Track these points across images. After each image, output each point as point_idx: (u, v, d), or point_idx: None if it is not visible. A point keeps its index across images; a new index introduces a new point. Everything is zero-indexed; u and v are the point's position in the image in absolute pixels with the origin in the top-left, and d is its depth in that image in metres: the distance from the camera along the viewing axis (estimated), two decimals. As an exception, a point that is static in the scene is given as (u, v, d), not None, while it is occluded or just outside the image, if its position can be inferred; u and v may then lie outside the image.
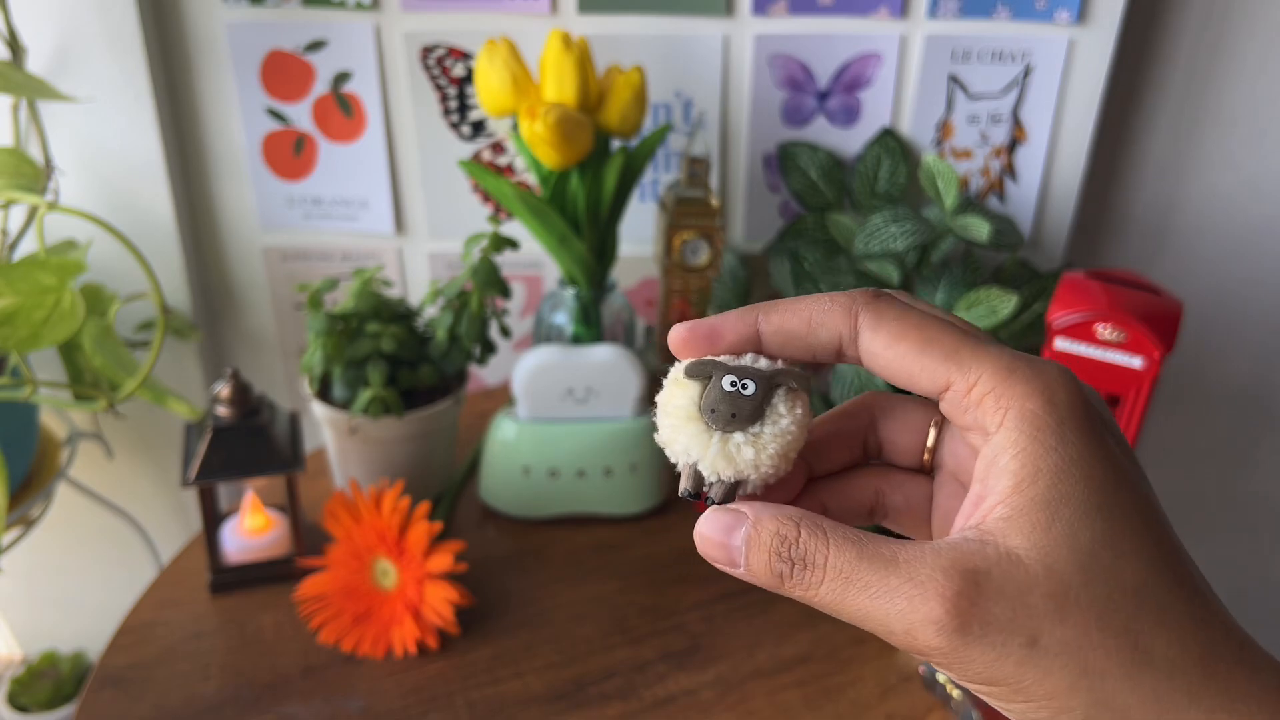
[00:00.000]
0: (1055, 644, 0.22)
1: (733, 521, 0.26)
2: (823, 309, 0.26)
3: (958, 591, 0.22)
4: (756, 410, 0.26)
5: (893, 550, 0.24)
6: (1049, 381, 0.24)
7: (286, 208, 0.90)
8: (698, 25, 0.84)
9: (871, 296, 0.26)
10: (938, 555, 0.23)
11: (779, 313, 0.27)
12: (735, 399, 0.26)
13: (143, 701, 0.59)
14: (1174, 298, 0.64)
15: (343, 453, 0.73)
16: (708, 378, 0.27)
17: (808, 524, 0.25)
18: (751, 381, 0.27)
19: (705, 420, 0.27)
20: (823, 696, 0.61)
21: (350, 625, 0.63)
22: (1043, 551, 0.22)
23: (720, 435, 0.27)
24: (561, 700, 0.60)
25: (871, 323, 0.26)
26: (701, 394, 0.27)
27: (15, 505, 0.82)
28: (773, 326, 0.27)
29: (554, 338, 0.81)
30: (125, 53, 0.80)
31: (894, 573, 0.23)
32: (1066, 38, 0.85)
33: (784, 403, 0.27)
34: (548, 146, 0.69)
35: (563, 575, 0.70)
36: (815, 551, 0.24)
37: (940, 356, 0.25)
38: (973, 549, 0.23)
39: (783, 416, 0.27)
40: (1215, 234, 1.00)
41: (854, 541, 0.24)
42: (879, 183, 0.88)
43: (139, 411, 0.95)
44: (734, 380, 0.27)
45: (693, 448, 0.27)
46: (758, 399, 0.26)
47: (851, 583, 0.24)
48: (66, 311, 0.65)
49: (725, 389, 0.26)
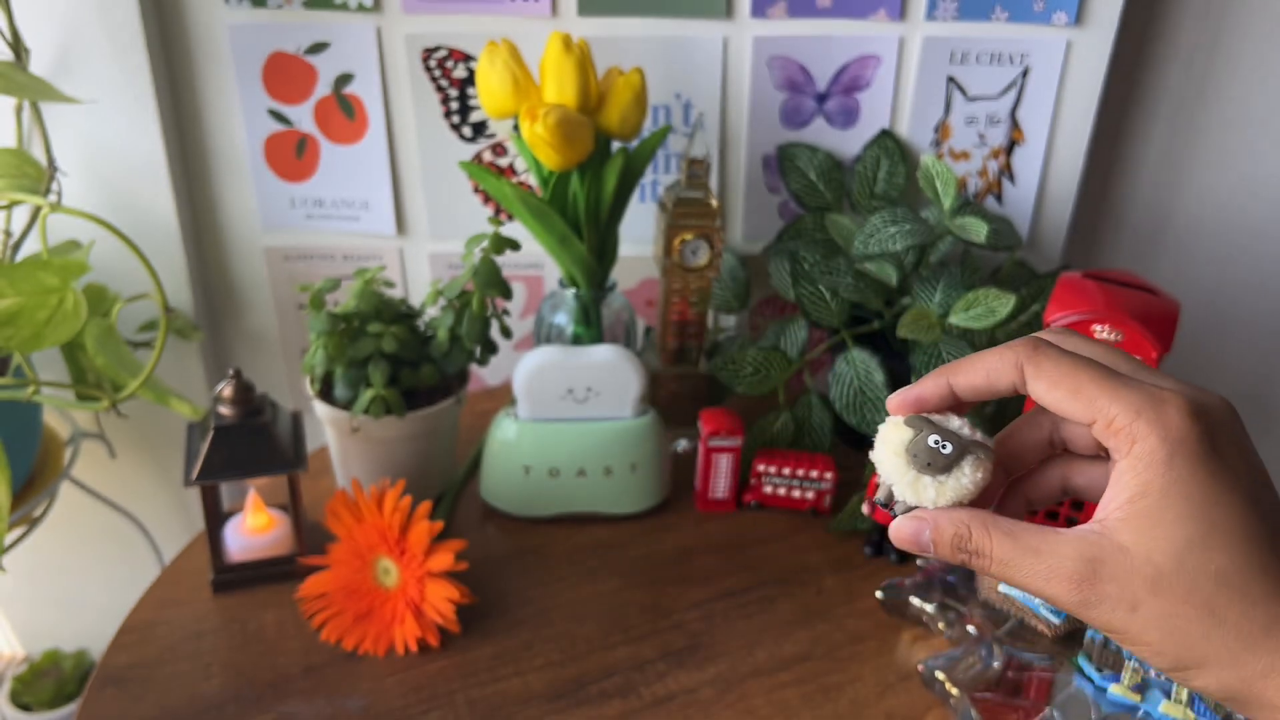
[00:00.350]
0: (1150, 612, 0.31)
1: (918, 527, 0.36)
2: (995, 365, 0.35)
3: (1081, 574, 0.32)
4: (948, 466, 0.35)
5: (1037, 541, 0.33)
6: (1167, 421, 0.32)
7: (288, 208, 0.91)
8: (697, 27, 0.84)
9: (1031, 350, 0.34)
10: (1069, 545, 0.32)
11: (963, 373, 0.36)
12: (935, 453, 0.35)
13: (145, 700, 0.60)
14: (1171, 298, 0.65)
15: (344, 452, 0.73)
16: (919, 430, 0.35)
17: (976, 524, 0.34)
18: (951, 445, 0.35)
19: (909, 459, 0.35)
20: (822, 695, 0.61)
21: (352, 624, 0.63)
22: (1145, 547, 0.31)
23: (915, 474, 0.35)
24: (562, 698, 0.61)
25: (1032, 374, 0.34)
26: (912, 439, 0.35)
27: (18, 504, 0.82)
28: (961, 385, 0.36)
29: (554, 338, 0.82)
30: (128, 54, 0.80)
31: (1038, 560, 0.33)
32: (1064, 39, 0.85)
33: (970, 466, 0.35)
34: (548, 148, 0.70)
35: (563, 574, 0.71)
36: (983, 545, 0.34)
37: (1085, 401, 0.33)
38: (1093, 540, 0.32)
39: (965, 476, 0.35)
40: (1212, 235, 1.01)
41: (1009, 535, 0.34)
42: (878, 184, 0.89)
43: (141, 411, 0.95)
44: (938, 440, 0.35)
45: (893, 476, 0.36)
46: (952, 458, 0.35)
47: (1009, 565, 0.33)
48: (69, 312, 0.65)
49: (929, 444, 0.35)
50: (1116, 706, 0.57)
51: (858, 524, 0.74)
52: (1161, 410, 0.32)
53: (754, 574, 0.71)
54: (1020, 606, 0.63)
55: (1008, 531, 0.34)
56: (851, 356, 0.78)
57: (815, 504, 0.77)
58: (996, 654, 0.60)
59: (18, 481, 0.83)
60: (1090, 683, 0.58)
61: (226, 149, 0.88)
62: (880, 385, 0.76)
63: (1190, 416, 0.32)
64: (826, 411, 0.80)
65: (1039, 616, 0.63)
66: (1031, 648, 0.62)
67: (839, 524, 0.75)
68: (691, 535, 0.75)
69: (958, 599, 0.65)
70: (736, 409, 0.78)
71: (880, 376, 0.76)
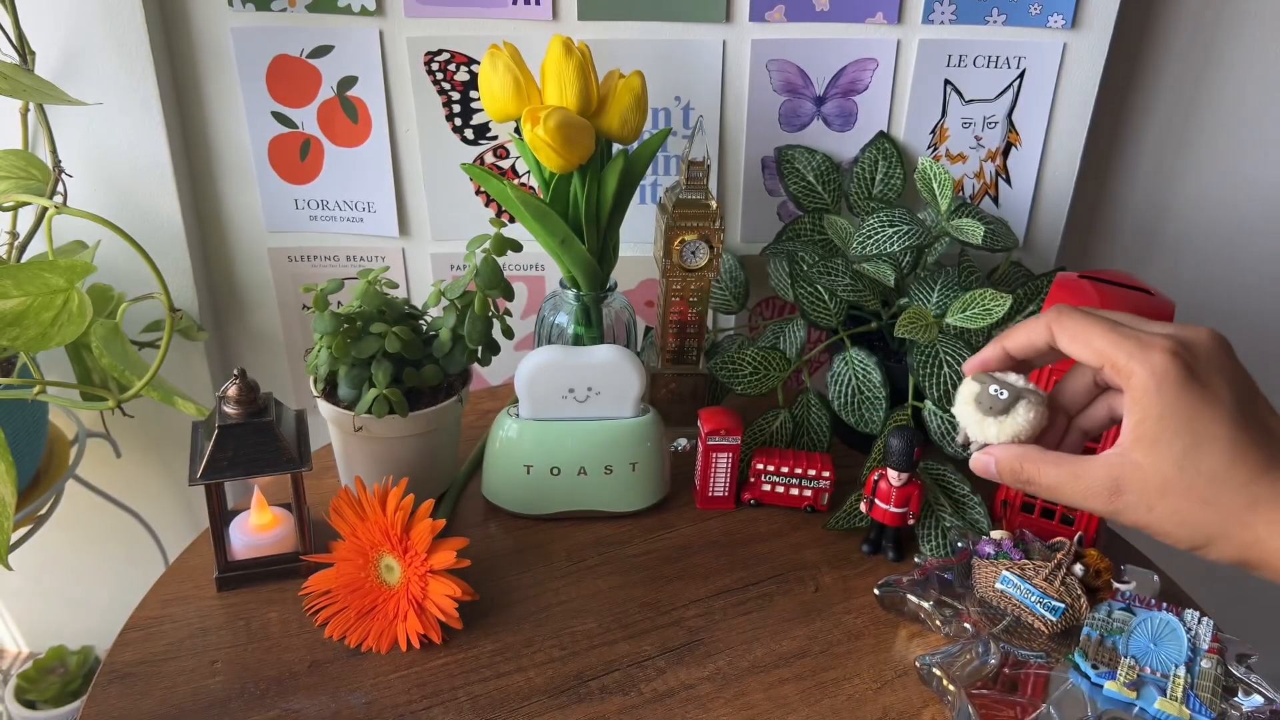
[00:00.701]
0: (1163, 510, 0.41)
1: (986, 460, 0.47)
2: (1033, 327, 0.45)
3: (1109, 489, 0.42)
4: (1006, 409, 0.46)
5: (1075, 468, 0.43)
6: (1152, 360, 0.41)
7: (292, 210, 0.91)
8: (697, 31, 0.85)
9: (1056, 313, 0.45)
10: (1098, 468, 0.43)
11: (1011, 338, 0.47)
12: (994, 399, 0.46)
13: (150, 697, 0.60)
14: (1166, 299, 0.65)
15: (348, 451, 0.74)
16: (984, 384, 0.47)
17: (1028, 459, 0.45)
18: (1007, 392, 0.46)
19: (975, 406, 0.47)
20: (819, 691, 0.62)
21: (355, 620, 0.64)
22: (1151, 461, 0.41)
23: (980, 417, 0.47)
24: (562, 694, 0.61)
25: (1058, 332, 0.44)
26: (978, 391, 0.47)
27: (24, 503, 0.83)
28: (1010, 347, 0.47)
29: (555, 338, 0.82)
30: (133, 57, 0.81)
31: (1077, 482, 0.43)
32: (1060, 42, 0.86)
33: (1024, 408, 0.46)
34: (550, 150, 0.70)
35: (564, 571, 0.71)
36: (1033, 474, 0.45)
37: (1094, 350, 0.43)
38: (1115, 461, 0.42)
39: (1020, 416, 0.46)
40: (1206, 236, 1.01)
41: (1054, 464, 0.44)
42: (875, 185, 0.89)
43: (147, 411, 0.96)
44: (997, 389, 0.46)
45: (966, 420, 0.48)
46: (1008, 402, 0.46)
47: (1055, 489, 0.44)
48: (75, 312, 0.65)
49: (990, 393, 0.46)
50: (1112, 703, 0.58)
51: (855, 522, 0.75)
52: (1148, 352, 0.41)
53: (752, 571, 0.72)
54: (1017, 604, 0.64)
55: (1052, 462, 0.44)
56: (849, 356, 0.79)
57: (813, 502, 0.78)
58: (993, 651, 0.61)
59: (24, 480, 0.84)
60: (1086, 679, 0.59)
61: (231, 151, 0.89)
62: (878, 385, 0.77)
63: (1170, 354, 0.41)
64: (824, 411, 0.81)
65: (1035, 614, 0.63)
66: (1028, 644, 0.62)
67: (837, 522, 0.76)
68: (691, 533, 0.76)
69: (954, 596, 0.66)
70: (735, 408, 0.78)
71: (878, 376, 0.77)
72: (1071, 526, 0.71)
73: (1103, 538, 0.72)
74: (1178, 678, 0.58)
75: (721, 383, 0.82)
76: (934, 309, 0.77)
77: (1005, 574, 0.64)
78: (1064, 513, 0.71)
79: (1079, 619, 0.63)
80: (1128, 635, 0.61)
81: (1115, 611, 0.62)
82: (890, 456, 0.70)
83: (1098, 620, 0.62)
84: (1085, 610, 0.63)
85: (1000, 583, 0.64)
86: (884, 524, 0.72)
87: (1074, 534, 0.70)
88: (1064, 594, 0.63)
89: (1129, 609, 0.62)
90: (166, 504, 1.04)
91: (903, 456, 0.69)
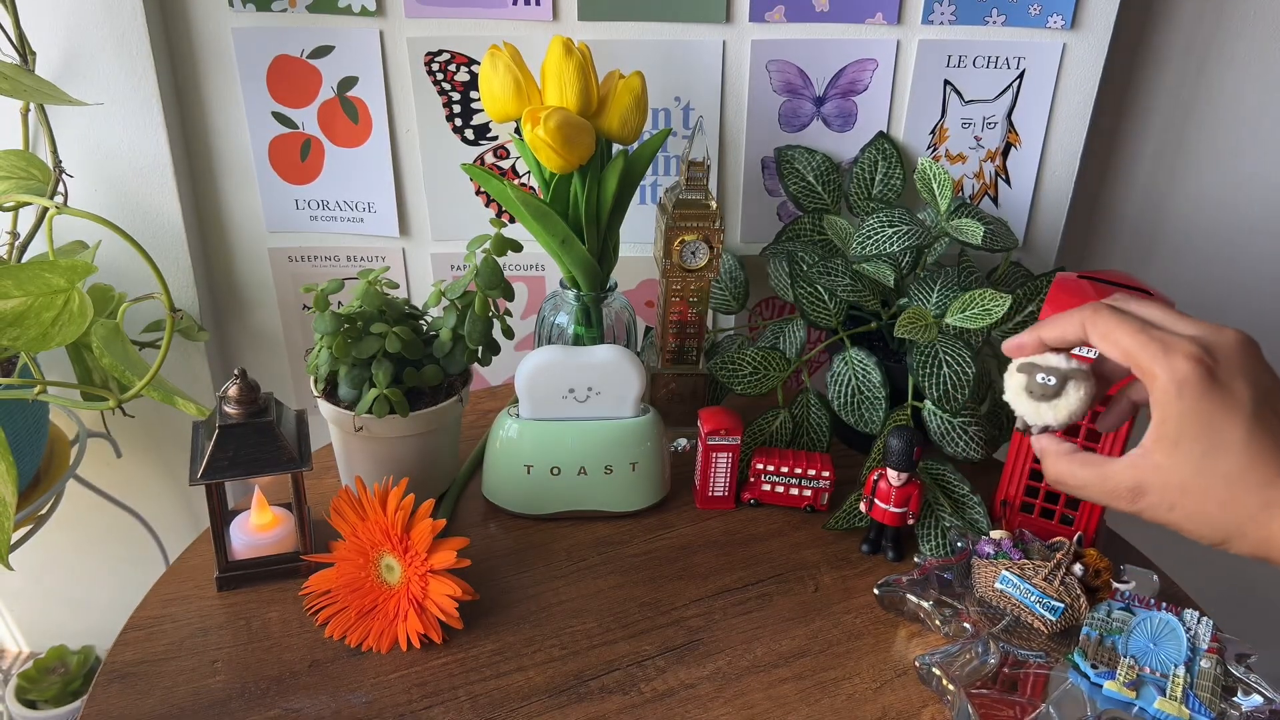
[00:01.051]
0: (1184, 509, 0.43)
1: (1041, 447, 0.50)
2: (1067, 322, 0.47)
3: (1132, 490, 0.45)
4: (1056, 393, 0.48)
5: (1103, 469, 0.46)
6: (1174, 364, 0.42)
7: (293, 210, 0.91)
8: (697, 31, 0.85)
9: (1091, 311, 0.46)
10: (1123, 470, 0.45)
11: (1047, 329, 0.48)
12: (1044, 387, 0.48)
13: (150, 696, 0.60)
14: (1165, 299, 0.65)
15: (348, 451, 0.74)
16: (1030, 373, 0.49)
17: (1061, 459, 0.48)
18: (1054, 378, 0.48)
19: (1028, 395, 0.49)
20: (819, 690, 0.62)
21: (355, 620, 0.64)
22: (1172, 462, 0.43)
23: (1035, 405, 0.49)
24: (562, 693, 0.61)
25: (1090, 330, 0.46)
26: (1027, 381, 0.49)
27: (24, 503, 0.83)
28: (1046, 338, 0.48)
29: (556, 338, 0.82)
30: (133, 57, 0.81)
31: (1105, 482, 0.46)
32: (1060, 43, 0.86)
33: (1073, 388, 0.48)
34: (550, 150, 0.71)
35: (564, 571, 0.71)
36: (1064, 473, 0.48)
37: (1122, 351, 0.45)
38: (1138, 462, 0.44)
39: (1071, 396, 0.48)
40: (1205, 236, 1.01)
41: (1083, 464, 0.47)
42: (875, 186, 0.89)
43: (147, 411, 0.96)
44: (1044, 377, 0.48)
45: (1020, 408, 0.50)
46: (1057, 387, 0.48)
47: (1083, 488, 0.47)
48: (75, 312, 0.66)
49: (1038, 380, 0.49)
50: (1111, 703, 0.58)
51: (855, 522, 0.75)
52: (1171, 357, 0.43)
53: (752, 571, 0.72)
54: (1016, 604, 0.64)
55: (1080, 462, 0.47)
56: (849, 356, 0.79)
57: (813, 502, 0.78)
58: (992, 650, 0.61)
59: (24, 480, 0.84)
60: (1086, 679, 0.59)
61: (231, 151, 0.89)
62: (878, 385, 0.77)
63: (1192, 359, 0.43)
64: (824, 411, 0.81)
65: (1035, 613, 0.63)
66: (1027, 644, 0.62)
67: (836, 522, 0.76)
68: (690, 533, 0.76)
69: (954, 596, 0.66)
70: (735, 408, 0.78)
71: (878, 376, 0.77)
72: (1071, 526, 0.71)
73: (1102, 537, 0.72)
74: (1177, 677, 0.58)
75: (721, 383, 0.82)
76: (933, 309, 0.77)
77: (1005, 574, 0.64)
78: (1063, 512, 0.71)
79: (1078, 619, 0.63)
80: (1127, 635, 0.61)
81: (1115, 611, 0.62)
82: (890, 456, 0.70)
83: (1097, 620, 0.62)
84: (1085, 610, 0.63)
85: (1000, 582, 0.64)
86: (884, 524, 0.72)
87: (1073, 534, 0.70)
88: (1063, 594, 0.63)
89: (1128, 609, 0.62)
90: (167, 504, 1.04)
91: (902, 456, 0.69)
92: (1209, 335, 0.44)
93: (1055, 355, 0.49)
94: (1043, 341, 0.49)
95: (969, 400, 0.73)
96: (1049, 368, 0.49)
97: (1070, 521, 0.71)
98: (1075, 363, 0.48)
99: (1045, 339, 0.49)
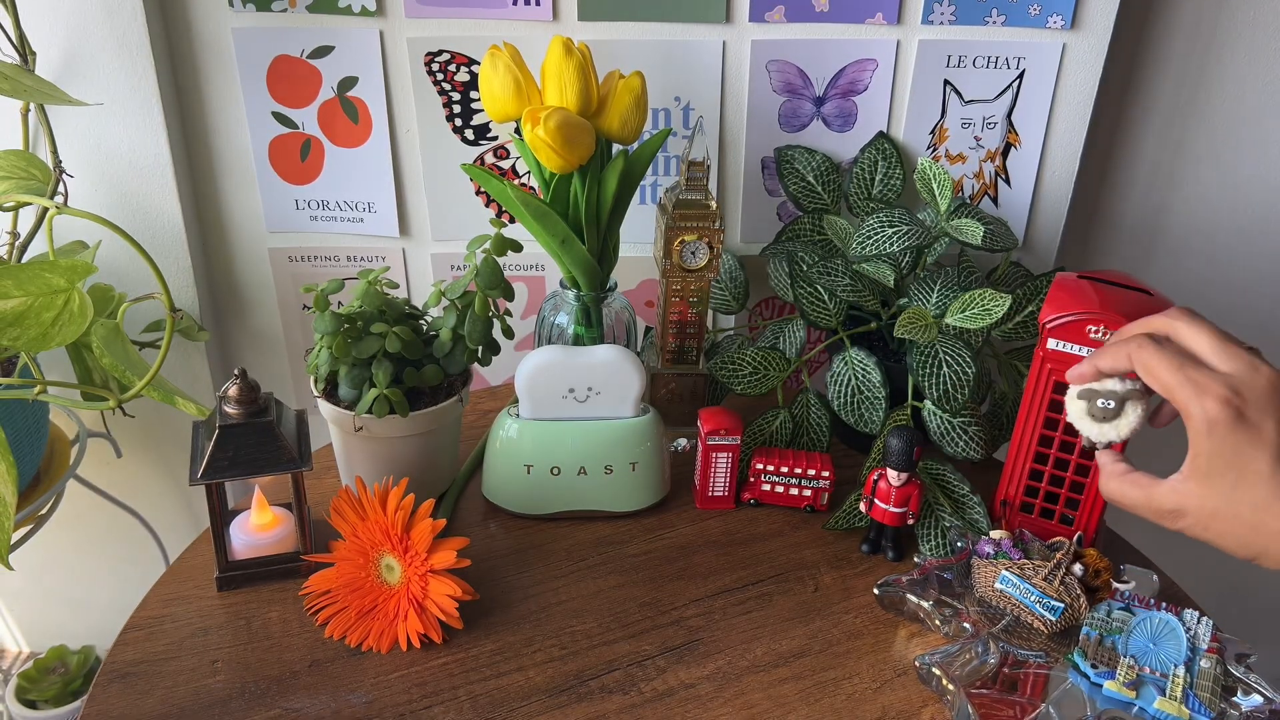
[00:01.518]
0: (1217, 530, 0.49)
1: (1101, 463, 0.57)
2: (1117, 352, 0.53)
3: (1173, 511, 0.51)
4: (1115, 414, 0.56)
5: (1149, 491, 0.52)
6: (1207, 405, 0.48)
7: (293, 210, 0.91)
8: (697, 31, 0.85)
9: (1137, 345, 0.52)
10: (1165, 493, 0.51)
11: (1100, 358, 0.55)
12: (1105, 410, 0.57)
13: (151, 696, 0.60)
14: (1165, 299, 0.65)
15: (348, 451, 0.74)
16: (1090, 399, 0.57)
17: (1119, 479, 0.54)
18: (1113, 401, 0.56)
19: (1091, 419, 0.57)
20: (819, 690, 0.62)
21: (355, 620, 0.64)
22: (1204, 491, 0.49)
23: (1097, 425, 0.57)
24: (562, 693, 0.61)
25: (1135, 362, 0.52)
26: (1088, 406, 0.57)
27: (25, 503, 0.83)
28: (1100, 366, 0.55)
29: (556, 338, 0.82)
30: (133, 57, 0.81)
31: (1150, 503, 0.52)
32: (1059, 43, 0.86)
33: (1130, 408, 0.56)
34: (550, 150, 0.71)
35: (564, 571, 0.72)
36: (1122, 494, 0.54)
37: (1161, 386, 0.50)
38: (1179, 488, 0.50)
39: (1131, 415, 0.56)
40: (1204, 236, 1.01)
41: (1133, 485, 0.53)
42: (875, 186, 0.89)
43: (147, 411, 0.96)
44: (1103, 401, 0.56)
45: (1086, 430, 0.58)
46: (1116, 409, 0.56)
47: (1132, 507, 0.53)
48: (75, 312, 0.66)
49: (1099, 405, 0.57)
50: (1111, 703, 0.58)
51: (855, 522, 0.75)
52: (1203, 399, 0.48)
53: (752, 571, 0.72)
54: (1016, 603, 0.64)
55: (1134, 484, 0.53)
56: (849, 356, 0.79)
57: (813, 502, 0.78)
58: (992, 650, 0.61)
59: (24, 480, 0.84)
60: (1085, 679, 0.59)
61: (231, 151, 0.89)
62: (878, 385, 0.77)
63: (1221, 401, 0.48)
64: (824, 410, 0.81)
65: (1035, 613, 0.63)
66: (1027, 644, 0.62)
67: (836, 522, 0.76)
68: (690, 532, 0.76)
69: (954, 596, 0.66)
70: (735, 408, 0.78)
71: (878, 376, 0.77)
72: (1071, 526, 0.71)
73: (1102, 537, 0.72)
74: (1177, 677, 0.58)
75: (721, 383, 0.82)
76: (933, 309, 0.77)
77: (1004, 574, 0.64)
78: (1063, 513, 0.71)
79: (1078, 619, 0.63)
80: (1127, 635, 0.61)
81: (1114, 611, 0.62)
82: (890, 456, 0.70)
83: (1097, 620, 0.62)
84: (1084, 610, 0.63)
85: (999, 582, 0.64)
86: (883, 524, 0.72)
87: (1073, 534, 0.70)
88: (1063, 594, 0.63)
89: (1128, 609, 0.62)
90: (167, 504, 1.04)
91: (902, 456, 0.69)
92: (1244, 374, 0.48)
93: (1111, 379, 0.56)
94: (1099, 370, 0.55)
95: (969, 400, 0.74)
96: (1107, 392, 0.56)
97: (1070, 521, 0.71)
98: (1130, 383, 0.55)
99: (1101, 368, 0.55)
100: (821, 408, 0.81)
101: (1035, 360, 0.67)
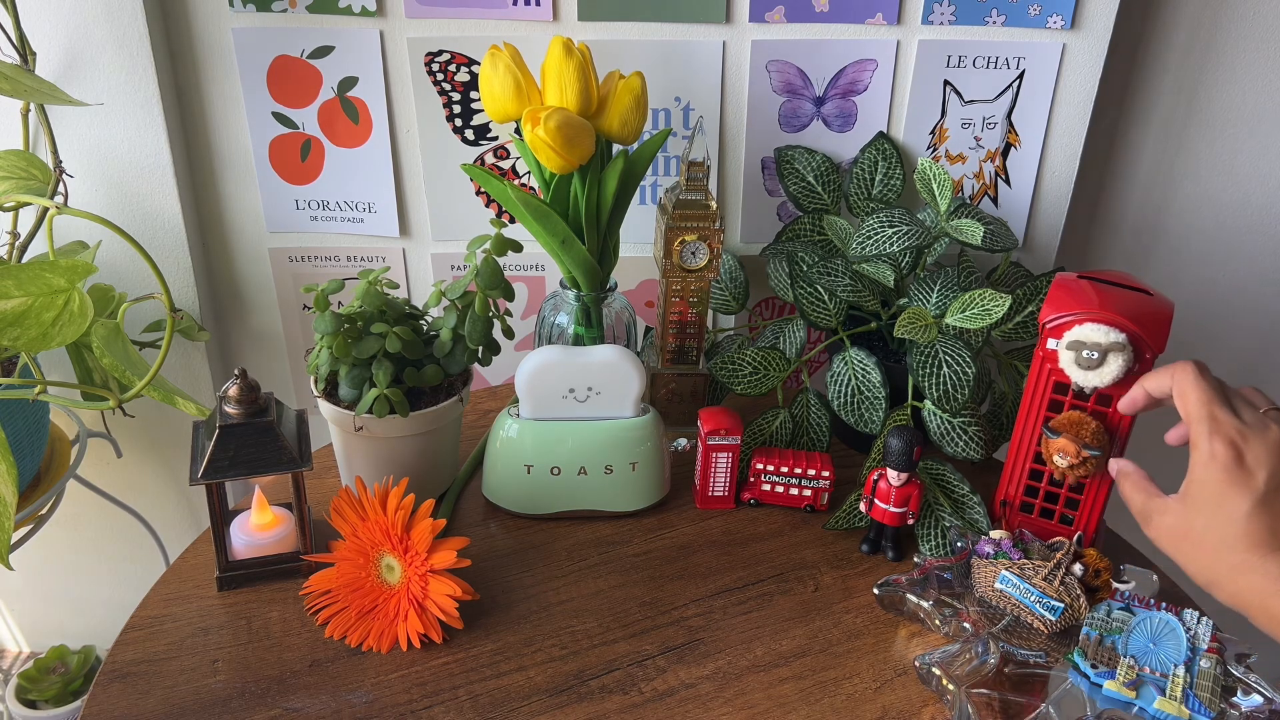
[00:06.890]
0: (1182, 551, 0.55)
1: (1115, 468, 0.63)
2: (1162, 377, 0.58)
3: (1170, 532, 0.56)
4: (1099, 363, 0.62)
5: (1152, 504, 0.58)
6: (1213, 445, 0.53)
7: (293, 210, 0.91)
8: (697, 32, 0.85)
9: (1181, 369, 0.56)
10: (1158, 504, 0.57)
11: (1148, 382, 0.59)
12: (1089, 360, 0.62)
13: (151, 696, 0.60)
14: (1165, 299, 0.66)
15: (348, 451, 0.74)
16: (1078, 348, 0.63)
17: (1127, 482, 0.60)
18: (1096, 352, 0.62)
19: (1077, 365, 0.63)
20: (819, 690, 0.62)
21: (355, 620, 0.64)
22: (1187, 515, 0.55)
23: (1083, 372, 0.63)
24: (563, 693, 0.61)
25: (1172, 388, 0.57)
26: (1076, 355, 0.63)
27: (25, 503, 0.83)
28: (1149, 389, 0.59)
29: (556, 338, 0.82)
30: (134, 58, 0.81)
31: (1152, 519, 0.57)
32: (1059, 43, 0.86)
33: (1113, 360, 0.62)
34: (550, 150, 0.71)
35: (564, 571, 0.72)
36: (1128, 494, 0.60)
37: (1185, 414, 0.56)
38: (1173, 506, 0.56)
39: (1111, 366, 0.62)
40: (1204, 236, 1.01)
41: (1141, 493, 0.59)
42: (875, 186, 0.90)
43: (148, 411, 0.96)
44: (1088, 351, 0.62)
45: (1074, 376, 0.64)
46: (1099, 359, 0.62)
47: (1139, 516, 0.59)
48: (76, 312, 0.66)
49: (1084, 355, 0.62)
50: (1111, 703, 0.58)
51: (855, 521, 0.75)
52: (1213, 438, 0.53)
53: (752, 570, 0.72)
54: (1016, 603, 0.64)
55: (1140, 491, 0.59)
56: (849, 356, 0.79)
57: (813, 502, 0.78)
58: (992, 650, 0.61)
59: (25, 480, 0.84)
60: (1085, 679, 0.59)
61: (232, 151, 0.89)
62: (877, 385, 0.77)
63: (1227, 444, 0.53)
64: (824, 410, 0.81)
65: (1034, 613, 0.63)
66: (1027, 644, 0.62)
67: (836, 522, 0.76)
68: (690, 532, 0.76)
69: (954, 596, 0.66)
70: (735, 408, 0.78)
71: (877, 376, 0.77)
72: (1071, 526, 0.71)
73: (1102, 537, 0.73)
74: (1177, 677, 0.58)
75: (721, 383, 0.82)
76: (933, 309, 0.77)
77: (1004, 573, 0.64)
78: (1063, 513, 0.71)
79: (1078, 618, 0.63)
80: (1127, 635, 0.61)
81: (1114, 611, 0.62)
82: (890, 456, 0.70)
83: (1097, 620, 0.62)
84: (1084, 610, 0.63)
85: (999, 582, 0.64)
86: (883, 524, 0.73)
87: (1073, 534, 0.70)
88: (1063, 594, 0.63)
89: (1128, 609, 0.62)
90: (167, 503, 1.04)
91: (902, 456, 0.69)
92: (1257, 426, 0.53)
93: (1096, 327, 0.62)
94: (1147, 392, 0.59)
95: (969, 400, 0.74)
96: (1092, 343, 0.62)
97: (1070, 521, 0.71)
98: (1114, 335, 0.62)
99: (1149, 389, 0.59)
100: (821, 408, 0.81)
101: (1035, 360, 0.67)
